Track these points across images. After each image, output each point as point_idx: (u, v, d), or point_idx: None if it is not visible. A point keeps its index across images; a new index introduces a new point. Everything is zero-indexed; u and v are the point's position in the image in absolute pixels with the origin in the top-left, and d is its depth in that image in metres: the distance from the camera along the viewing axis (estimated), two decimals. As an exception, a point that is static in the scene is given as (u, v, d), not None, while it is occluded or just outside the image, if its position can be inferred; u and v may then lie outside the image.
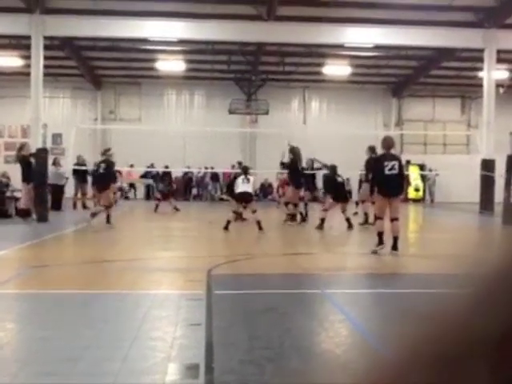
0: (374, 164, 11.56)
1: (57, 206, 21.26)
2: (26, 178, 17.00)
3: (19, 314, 6.05)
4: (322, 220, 15.05)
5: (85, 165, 22.90)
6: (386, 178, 10.31)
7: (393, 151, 11.08)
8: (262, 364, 4.36)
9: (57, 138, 30.35)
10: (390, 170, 10.34)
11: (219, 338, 5.07)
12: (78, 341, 4.93)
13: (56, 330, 5.31)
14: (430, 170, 30.10)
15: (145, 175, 29.79)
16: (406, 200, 30.13)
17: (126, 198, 29.09)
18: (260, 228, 14.03)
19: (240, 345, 4.89)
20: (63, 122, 29.05)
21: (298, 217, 16.85)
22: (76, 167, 22.38)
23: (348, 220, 15.24)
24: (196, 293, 6.89)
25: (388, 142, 10.95)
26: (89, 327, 5.37)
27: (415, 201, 30.07)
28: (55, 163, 22.12)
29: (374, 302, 7.00)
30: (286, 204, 16.84)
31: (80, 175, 22.92)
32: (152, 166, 27.71)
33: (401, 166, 10.60)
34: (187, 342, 4.98)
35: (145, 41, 23.24)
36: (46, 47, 19.38)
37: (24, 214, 16.76)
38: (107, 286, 7.48)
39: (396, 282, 7.88)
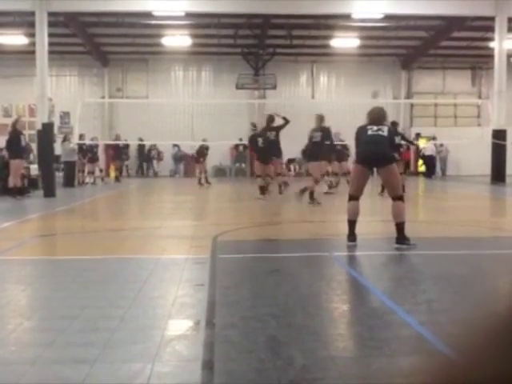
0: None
1: (70, 182, 21.12)
2: (15, 153, 15.98)
3: (20, 278, 5.94)
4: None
5: (85, 144, 22.74)
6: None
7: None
8: (266, 320, 4.20)
9: (65, 116, 30.25)
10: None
11: (222, 297, 4.92)
12: (77, 301, 4.80)
13: (55, 292, 5.20)
14: (441, 145, 29.68)
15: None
16: (417, 173, 29.79)
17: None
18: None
19: (243, 303, 4.74)
20: (71, 100, 28.80)
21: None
22: (81, 142, 22.20)
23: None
24: (201, 257, 6.75)
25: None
26: (89, 289, 5.25)
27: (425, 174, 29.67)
28: (66, 139, 21.92)
29: (382, 262, 6.82)
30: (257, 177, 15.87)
31: (83, 154, 22.81)
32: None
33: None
34: (189, 301, 4.84)
35: (150, 15, 22.92)
36: (51, 24, 19.14)
37: (16, 192, 15.72)
38: (110, 252, 7.35)
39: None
